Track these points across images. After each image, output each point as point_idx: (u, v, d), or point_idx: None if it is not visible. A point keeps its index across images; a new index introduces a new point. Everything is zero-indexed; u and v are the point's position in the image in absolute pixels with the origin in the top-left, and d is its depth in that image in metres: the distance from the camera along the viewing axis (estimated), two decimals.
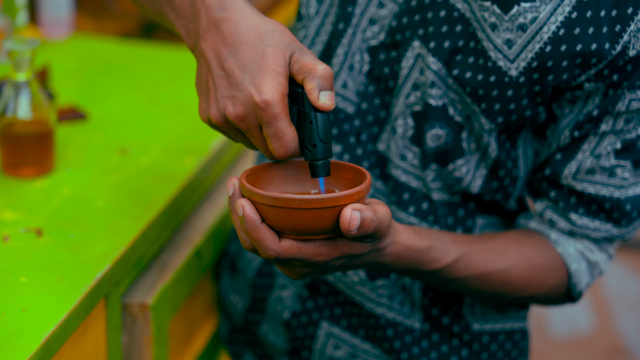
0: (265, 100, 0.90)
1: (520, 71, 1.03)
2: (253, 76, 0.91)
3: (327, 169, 0.93)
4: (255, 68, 0.91)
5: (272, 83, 0.90)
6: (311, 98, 0.91)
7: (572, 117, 1.06)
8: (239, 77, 0.91)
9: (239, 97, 0.91)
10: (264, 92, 0.90)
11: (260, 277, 1.26)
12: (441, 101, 1.07)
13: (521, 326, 1.22)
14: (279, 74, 0.91)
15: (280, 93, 0.90)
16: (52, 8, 1.73)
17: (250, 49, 0.92)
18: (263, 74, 0.90)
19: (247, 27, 0.93)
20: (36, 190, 1.23)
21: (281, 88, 0.90)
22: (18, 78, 1.22)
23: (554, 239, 1.12)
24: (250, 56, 0.91)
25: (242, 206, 0.89)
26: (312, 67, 0.91)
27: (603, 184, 1.07)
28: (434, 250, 1.01)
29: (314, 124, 0.91)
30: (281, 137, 0.91)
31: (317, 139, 0.92)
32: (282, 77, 0.91)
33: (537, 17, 1.01)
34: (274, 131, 0.91)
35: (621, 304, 2.74)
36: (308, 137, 0.92)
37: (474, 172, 1.10)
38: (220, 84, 0.93)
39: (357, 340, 1.19)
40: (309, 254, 0.90)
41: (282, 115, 0.91)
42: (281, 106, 0.90)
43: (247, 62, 0.91)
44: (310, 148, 0.92)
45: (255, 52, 0.91)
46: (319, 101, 0.91)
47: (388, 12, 1.10)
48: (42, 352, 0.97)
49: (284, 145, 0.92)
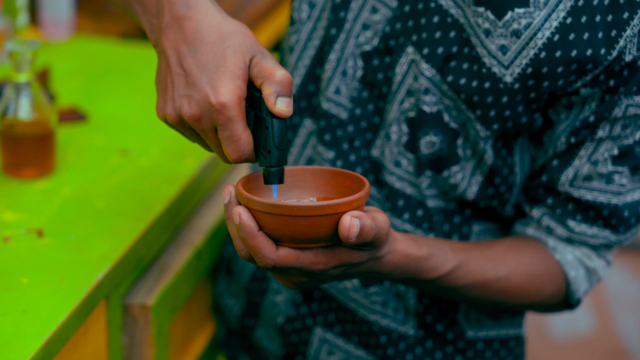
0: (221, 102, 0.88)
1: (515, 77, 1.02)
2: (211, 77, 0.89)
3: (280, 176, 0.91)
4: (213, 69, 0.89)
5: (229, 85, 0.89)
6: (268, 103, 0.89)
7: (568, 122, 1.05)
8: (196, 76, 0.90)
9: (195, 97, 0.90)
10: (220, 93, 0.88)
11: (255, 281, 1.25)
12: (436, 108, 1.06)
13: (516, 333, 1.21)
14: (237, 76, 0.89)
15: (237, 96, 0.89)
16: (52, 9, 1.73)
17: (211, 49, 0.90)
18: (221, 75, 0.89)
19: (209, 27, 0.91)
20: (37, 191, 1.23)
21: (238, 91, 0.89)
22: (19, 79, 1.22)
23: (552, 246, 1.11)
24: (210, 56, 0.90)
25: (239, 214, 0.87)
26: (271, 72, 0.89)
27: (600, 190, 1.07)
28: (432, 258, 1.00)
29: (269, 130, 0.90)
30: (235, 140, 0.90)
31: (272, 145, 0.90)
32: (240, 80, 0.89)
33: (531, 22, 1.00)
34: (228, 134, 0.89)
35: (621, 305, 2.74)
36: (263, 142, 0.91)
37: (469, 179, 1.09)
38: (177, 82, 0.91)
39: (351, 346, 1.18)
40: (306, 262, 0.89)
41: (238, 118, 0.89)
42: (237, 109, 0.89)
43: (206, 62, 0.90)
44: (265, 154, 0.91)
45: (215, 53, 0.90)
46: (276, 107, 0.89)
47: (381, 17, 1.09)
48: (42, 353, 0.97)
49: (238, 149, 0.90)
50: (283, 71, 0.90)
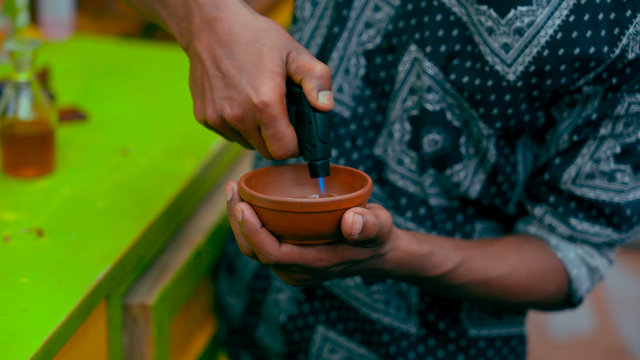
0: (264, 101, 0.89)
1: (517, 75, 1.01)
2: (250, 77, 0.89)
3: (326, 169, 0.92)
4: (252, 68, 0.90)
5: (269, 84, 0.89)
6: (310, 98, 0.90)
7: (570, 120, 1.05)
8: (235, 77, 0.90)
9: (237, 98, 0.90)
10: (262, 93, 0.89)
11: (257, 279, 1.25)
12: (438, 106, 1.06)
13: (518, 331, 1.21)
14: (276, 74, 0.90)
15: (279, 94, 0.89)
16: (52, 8, 1.73)
17: (246, 49, 0.90)
18: (260, 75, 0.89)
19: (242, 27, 0.91)
20: (37, 190, 1.23)
21: (279, 88, 0.89)
22: (19, 78, 1.22)
23: (554, 244, 1.10)
24: (247, 56, 0.90)
25: (242, 210, 0.87)
26: (310, 66, 0.90)
27: (603, 188, 1.06)
28: (434, 256, 1.00)
29: (313, 124, 0.90)
30: (280, 138, 0.90)
31: (316, 139, 0.91)
32: (279, 77, 0.90)
33: (534, 20, 1.00)
34: (273, 132, 0.90)
35: (621, 305, 2.74)
36: (307, 137, 0.91)
37: (472, 177, 1.09)
38: (216, 84, 0.91)
39: (353, 344, 1.18)
40: (309, 259, 0.89)
41: (281, 116, 0.89)
42: (280, 107, 0.89)
43: (243, 63, 0.90)
44: (310, 148, 0.91)
45: (252, 52, 0.90)
46: (318, 101, 0.90)
47: (384, 15, 1.09)
48: (43, 352, 0.96)
49: (283, 146, 0.91)
50: (322, 65, 0.90)
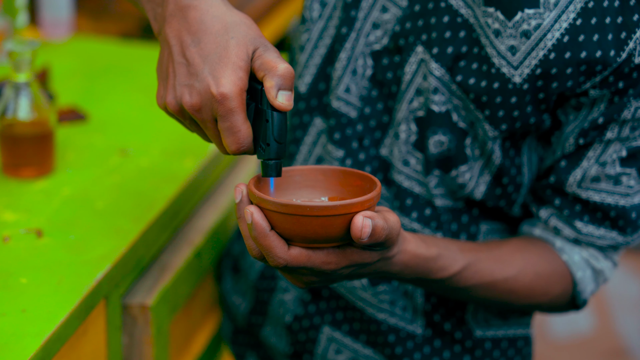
0: (223, 93, 0.88)
1: (524, 78, 1.01)
2: (213, 67, 0.89)
3: (278, 169, 0.91)
4: (216, 59, 0.89)
5: (231, 76, 0.88)
6: (269, 96, 0.89)
7: (576, 123, 1.04)
8: (199, 66, 0.89)
9: (197, 87, 0.89)
10: (222, 84, 0.88)
11: (263, 279, 1.25)
12: (444, 107, 1.06)
13: (524, 332, 1.20)
14: (239, 67, 0.89)
15: (239, 87, 0.88)
16: (52, 9, 1.72)
17: (214, 40, 0.90)
18: (223, 67, 0.89)
19: (213, 17, 0.91)
20: (36, 191, 1.23)
21: (240, 82, 0.89)
22: (18, 79, 1.22)
23: (559, 247, 1.10)
24: (213, 47, 0.90)
25: (251, 213, 0.87)
26: (274, 65, 0.89)
27: (608, 192, 1.06)
28: (441, 258, 1.00)
29: (269, 123, 0.90)
30: (235, 132, 0.89)
31: (271, 138, 0.90)
32: (242, 72, 0.89)
33: (541, 23, 0.99)
34: (228, 125, 0.89)
35: (621, 305, 2.74)
36: (263, 135, 0.90)
37: (477, 179, 1.08)
38: (179, 71, 0.91)
39: (359, 345, 1.18)
40: (318, 262, 0.88)
41: (238, 110, 0.89)
42: (238, 101, 0.88)
43: (208, 52, 0.89)
44: (264, 147, 0.90)
45: (219, 43, 0.90)
46: (277, 100, 0.89)
47: (391, 16, 1.09)
48: (42, 353, 0.96)
49: (237, 140, 0.90)
50: (285, 64, 0.89)
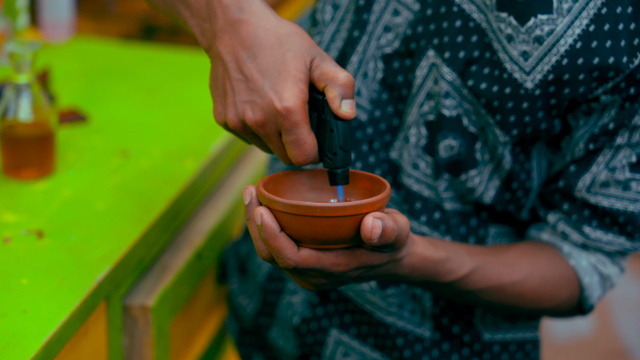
0: (287, 107, 0.87)
1: (536, 84, 1.00)
2: (273, 82, 0.88)
3: (346, 177, 0.91)
4: (275, 73, 0.88)
5: (293, 89, 0.88)
6: (333, 106, 0.89)
7: (587, 128, 1.04)
8: (258, 82, 0.89)
9: (259, 103, 0.89)
10: (285, 98, 0.87)
11: (271, 281, 1.24)
12: (455, 112, 1.05)
13: (532, 336, 1.20)
14: (299, 80, 0.88)
15: (301, 100, 0.88)
16: (52, 10, 1.72)
17: (270, 53, 0.89)
18: (284, 80, 0.88)
19: (266, 30, 0.90)
20: (37, 192, 1.22)
21: (302, 95, 0.88)
22: (19, 80, 1.21)
23: (567, 252, 1.09)
24: (270, 61, 0.89)
25: (261, 214, 0.86)
26: (334, 74, 0.89)
27: (617, 197, 1.05)
28: (449, 261, 0.99)
29: (335, 132, 0.90)
30: (301, 144, 0.89)
31: (337, 147, 0.90)
32: (302, 84, 0.89)
33: (554, 29, 0.98)
34: (294, 138, 0.89)
35: (621, 306, 2.74)
36: (328, 145, 0.90)
37: (486, 183, 1.08)
38: (238, 88, 0.90)
39: (367, 348, 1.17)
40: (327, 264, 0.87)
41: (303, 122, 0.88)
42: (302, 113, 0.88)
43: (267, 67, 0.89)
44: (330, 156, 0.90)
45: (276, 57, 0.89)
46: (341, 110, 0.89)
47: (403, 20, 1.08)
48: (42, 354, 0.95)
49: (303, 152, 0.90)
50: (345, 73, 0.89)
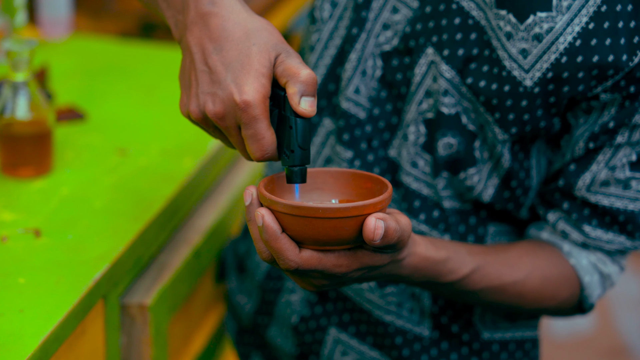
0: (246, 100, 0.87)
1: (535, 82, 1.00)
2: (236, 75, 0.88)
3: (303, 175, 0.90)
4: (238, 67, 0.88)
5: (254, 84, 0.87)
6: (292, 103, 0.88)
7: (586, 127, 1.03)
8: (221, 74, 0.89)
9: (220, 95, 0.88)
10: (245, 92, 0.87)
11: (269, 280, 1.23)
12: (454, 109, 1.04)
13: (532, 335, 1.19)
14: (262, 74, 0.88)
15: (262, 94, 0.87)
16: (51, 8, 1.72)
17: (236, 47, 0.89)
18: (246, 74, 0.88)
19: (234, 24, 0.90)
20: (35, 190, 1.22)
21: (263, 89, 0.88)
22: (16, 78, 1.21)
23: (567, 251, 1.09)
24: (235, 54, 0.89)
25: (262, 215, 0.85)
26: (296, 71, 0.88)
27: (617, 196, 1.05)
28: (450, 261, 0.99)
29: (293, 129, 0.89)
30: (259, 139, 0.88)
31: (295, 144, 0.89)
32: (265, 79, 0.88)
33: (553, 27, 0.98)
34: (252, 133, 0.88)
35: (621, 303, 2.74)
36: (287, 141, 0.89)
37: (485, 181, 1.07)
38: (202, 79, 0.90)
39: (365, 347, 1.17)
40: (329, 265, 0.87)
41: (262, 117, 0.88)
42: (261, 108, 0.87)
43: (231, 60, 0.89)
44: (288, 153, 0.89)
45: (241, 51, 0.89)
46: (300, 107, 0.88)
47: (402, 17, 1.07)
48: (40, 353, 0.95)
49: (261, 147, 0.89)
50: (308, 70, 0.88)
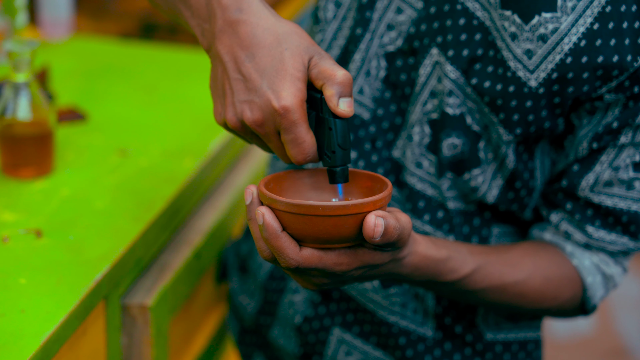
0: (284, 106, 0.87)
1: (539, 82, 0.99)
2: (271, 81, 0.88)
3: (345, 175, 0.90)
4: (273, 73, 0.88)
5: (291, 89, 0.87)
6: (330, 105, 0.88)
7: (590, 127, 1.03)
8: (256, 81, 0.88)
9: (257, 102, 0.88)
10: (282, 97, 0.87)
11: (272, 280, 1.22)
12: (459, 110, 1.04)
13: (535, 336, 1.19)
14: (297, 79, 0.88)
15: (299, 99, 0.87)
16: (51, 9, 1.72)
17: (268, 53, 0.89)
18: (282, 79, 0.88)
19: (264, 30, 0.89)
20: (36, 191, 1.21)
21: (300, 94, 0.88)
22: (18, 79, 1.20)
23: (570, 252, 1.08)
24: (268, 60, 0.88)
25: (262, 214, 0.85)
26: (332, 72, 0.88)
27: (620, 196, 1.04)
28: (451, 261, 0.98)
29: (333, 131, 0.89)
30: (300, 143, 0.89)
31: (336, 145, 0.89)
32: (300, 83, 0.88)
33: (558, 27, 0.98)
34: (292, 137, 0.88)
35: (621, 305, 2.74)
36: (327, 143, 0.89)
37: (490, 182, 1.07)
38: (237, 87, 0.90)
39: (369, 347, 1.16)
40: (329, 263, 0.87)
41: (301, 121, 0.88)
42: (300, 112, 0.87)
43: (265, 67, 0.88)
44: (329, 154, 0.90)
45: (274, 56, 0.88)
46: (339, 108, 0.88)
47: (406, 18, 1.07)
48: (41, 353, 0.94)
49: (302, 151, 0.89)
50: (343, 71, 0.88)
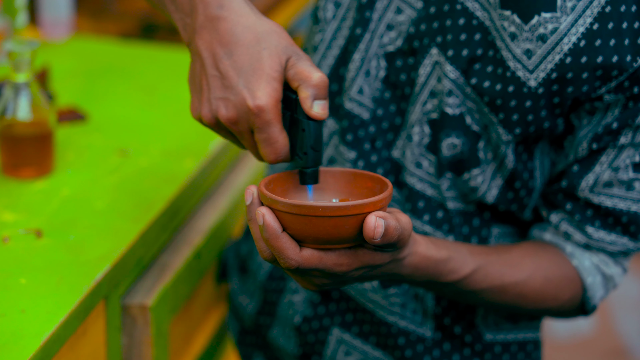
0: (259, 105, 0.87)
1: (539, 82, 0.99)
2: (248, 80, 0.88)
3: (315, 177, 0.91)
4: (250, 71, 0.88)
5: (266, 88, 0.88)
6: (304, 107, 0.89)
7: (590, 128, 1.02)
8: (233, 79, 0.89)
9: (232, 100, 0.89)
10: (257, 97, 0.88)
11: (272, 280, 1.22)
12: (458, 110, 1.04)
13: (534, 336, 1.18)
14: (273, 79, 0.88)
15: (274, 99, 0.88)
16: (52, 9, 1.71)
17: (247, 51, 0.89)
18: (258, 79, 0.88)
19: (244, 28, 0.90)
20: (36, 191, 1.21)
21: (275, 94, 0.88)
22: (18, 79, 1.20)
23: (570, 252, 1.08)
24: (246, 59, 0.89)
25: (263, 214, 0.85)
26: (308, 74, 0.89)
27: (620, 197, 1.04)
28: (451, 261, 0.98)
29: (306, 132, 0.89)
30: (272, 143, 0.89)
31: (308, 147, 0.90)
32: (276, 83, 0.88)
33: (557, 27, 0.97)
34: (265, 137, 0.89)
35: (621, 305, 2.74)
36: (299, 144, 0.90)
37: (489, 182, 1.06)
38: (213, 84, 0.90)
39: (369, 347, 1.16)
40: (329, 263, 0.87)
41: (275, 121, 0.88)
42: (274, 112, 0.88)
43: (242, 65, 0.89)
44: (301, 155, 0.90)
45: (252, 55, 0.89)
46: (312, 110, 0.89)
47: (406, 18, 1.07)
48: (41, 353, 0.94)
49: (274, 151, 0.90)
50: (319, 74, 0.89)
